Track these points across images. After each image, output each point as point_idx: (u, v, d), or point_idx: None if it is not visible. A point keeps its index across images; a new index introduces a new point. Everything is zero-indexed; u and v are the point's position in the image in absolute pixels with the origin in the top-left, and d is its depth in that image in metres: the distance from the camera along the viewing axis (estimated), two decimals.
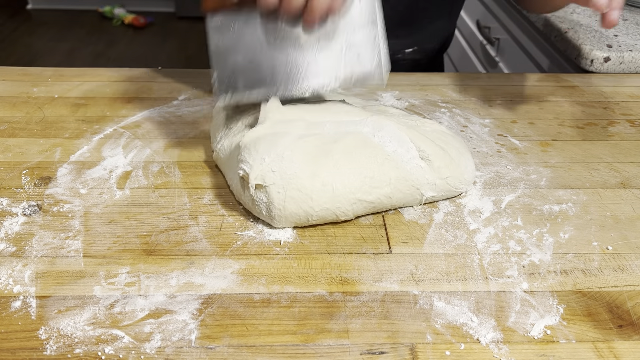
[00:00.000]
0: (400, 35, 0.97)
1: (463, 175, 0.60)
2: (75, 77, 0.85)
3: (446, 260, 0.52)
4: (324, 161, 0.55)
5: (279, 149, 0.55)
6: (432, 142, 0.59)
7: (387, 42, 0.61)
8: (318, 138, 0.58)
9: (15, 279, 0.49)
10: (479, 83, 0.87)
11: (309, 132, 0.59)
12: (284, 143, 0.56)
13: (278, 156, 0.55)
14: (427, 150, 0.58)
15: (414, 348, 0.43)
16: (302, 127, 0.60)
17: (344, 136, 0.58)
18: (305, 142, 0.57)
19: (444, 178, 0.58)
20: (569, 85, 0.88)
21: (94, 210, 0.57)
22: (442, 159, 0.58)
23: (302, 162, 0.55)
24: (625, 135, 0.74)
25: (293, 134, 0.58)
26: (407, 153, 0.57)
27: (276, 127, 0.59)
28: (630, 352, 0.44)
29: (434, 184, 0.58)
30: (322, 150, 0.56)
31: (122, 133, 0.71)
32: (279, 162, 0.54)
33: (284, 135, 0.57)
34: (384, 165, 0.56)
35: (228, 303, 0.47)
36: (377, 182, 0.55)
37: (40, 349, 0.43)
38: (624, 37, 0.99)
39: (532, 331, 0.45)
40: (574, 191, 0.62)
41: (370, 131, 0.59)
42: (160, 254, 0.52)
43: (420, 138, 0.59)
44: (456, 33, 1.72)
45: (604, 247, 0.54)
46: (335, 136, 0.58)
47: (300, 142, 0.56)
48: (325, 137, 0.58)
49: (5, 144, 0.68)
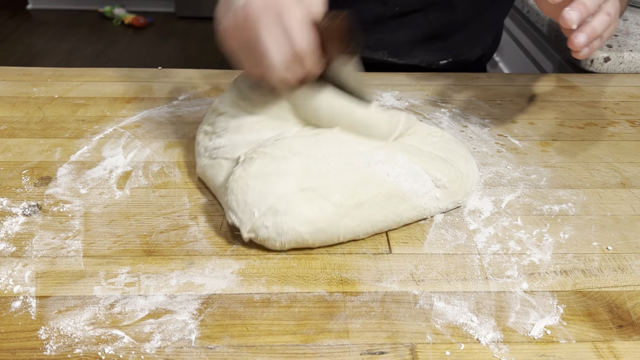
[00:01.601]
0: (435, 48, 0.95)
1: (471, 187, 0.60)
2: (75, 77, 0.85)
3: (446, 261, 0.52)
4: (329, 213, 0.51)
5: (270, 200, 0.50)
6: (444, 163, 0.58)
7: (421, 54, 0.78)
8: (320, 182, 0.52)
9: (15, 279, 0.49)
10: (479, 83, 0.87)
11: (308, 173, 0.52)
12: (277, 192, 0.51)
13: (271, 209, 0.50)
14: (442, 179, 0.56)
15: (414, 348, 0.43)
16: (300, 167, 0.53)
17: (353, 179, 0.53)
18: (304, 191, 0.51)
19: (454, 196, 0.58)
20: (569, 85, 0.88)
21: (94, 210, 0.57)
22: (455, 180, 0.57)
23: (302, 217, 0.50)
24: (625, 135, 0.74)
25: (288, 178, 0.52)
26: (423, 187, 0.55)
27: (267, 166, 0.53)
28: (630, 352, 0.44)
29: (445, 207, 0.57)
30: (327, 200, 0.51)
31: (122, 133, 0.71)
32: (272, 217, 0.50)
33: (277, 179, 0.52)
34: (399, 208, 0.54)
35: (228, 303, 0.47)
36: (389, 224, 0.55)
37: (40, 349, 0.43)
38: (624, 37, 0.99)
39: (532, 331, 0.45)
40: (574, 191, 0.62)
41: (382, 169, 0.54)
42: (160, 254, 0.52)
43: (434, 164, 0.57)
44: None
45: (604, 247, 0.54)
46: (342, 179, 0.53)
47: (297, 191, 0.51)
48: (329, 179, 0.52)
49: (5, 144, 0.68)
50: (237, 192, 0.52)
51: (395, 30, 0.92)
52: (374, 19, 0.91)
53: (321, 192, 0.52)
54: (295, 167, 0.53)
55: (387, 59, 0.94)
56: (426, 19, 0.90)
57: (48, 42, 3.38)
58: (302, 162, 0.53)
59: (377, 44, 0.93)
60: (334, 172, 0.53)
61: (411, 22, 0.91)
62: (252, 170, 0.52)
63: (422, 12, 0.90)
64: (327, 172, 0.53)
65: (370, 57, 0.94)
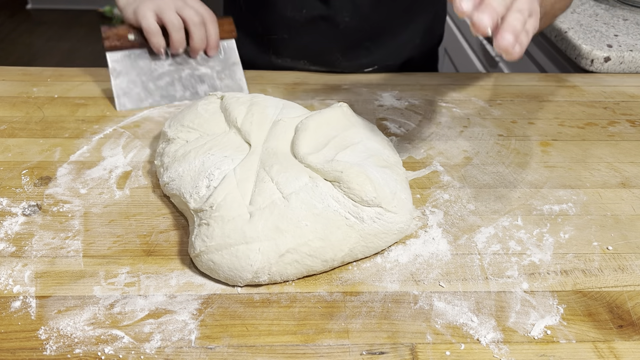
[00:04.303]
0: (354, 56, 0.95)
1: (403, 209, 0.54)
2: (75, 77, 0.85)
3: (446, 261, 0.52)
4: (320, 267, 0.50)
5: (248, 276, 0.48)
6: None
7: (344, 62, 0.94)
8: (298, 240, 0.48)
9: (15, 279, 0.49)
10: (479, 83, 0.87)
11: (279, 231, 0.48)
12: (252, 267, 0.47)
13: (252, 282, 0.48)
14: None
15: (414, 348, 0.43)
16: (267, 227, 0.48)
17: (324, 224, 0.50)
18: (284, 256, 0.48)
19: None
20: (569, 85, 0.88)
21: (94, 210, 0.57)
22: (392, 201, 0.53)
23: (292, 276, 0.49)
24: (625, 135, 0.74)
25: (259, 245, 0.48)
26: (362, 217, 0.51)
27: (230, 235, 0.48)
28: (631, 352, 0.44)
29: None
30: (317, 258, 0.49)
31: (122, 133, 0.71)
32: (256, 287, 0.49)
33: (245, 250, 0.48)
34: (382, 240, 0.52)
35: (228, 303, 0.47)
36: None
37: (40, 349, 0.42)
38: (624, 37, 0.99)
39: (532, 331, 0.45)
40: (574, 191, 0.62)
41: (338, 209, 0.51)
42: (160, 254, 0.52)
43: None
44: (456, 33, 1.72)
45: (604, 247, 0.54)
46: (315, 228, 0.49)
47: (276, 259, 0.48)
48: (303, 232, 0.49)
49: (5, 144, 0.68)
50: (205, 269, 0.49)
51: (311, 37, 0.92)
52: (286, 25, 0.92)
53: (305, 251, 0.48)
54: (261, 227, 0.48)
55: (309, 68, 0.94)
56: (337, 28, 0.91)
57: (48, 41, 3.37)
58: (266, 219, 0.49)
59: (296, 53, 0.94)
60: (303, 219, 0.49)
61: (323, 29, 0.91)
62: (212, 245, 0.48)
63: (331, 20, 0.90)
64: (296, 222, 0.49)
65: (293, 65, 0.95)
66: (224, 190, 0.51)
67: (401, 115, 0.77)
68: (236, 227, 0.49)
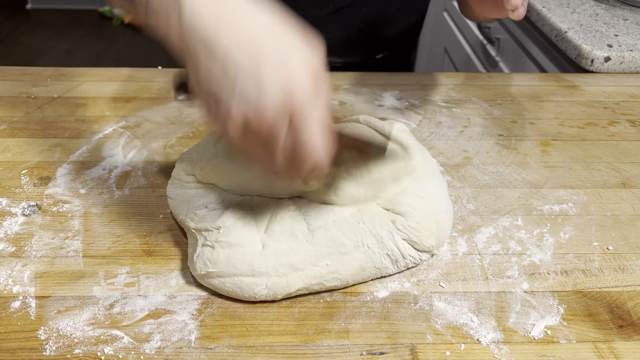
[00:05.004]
0: (368, 43, 0.96)
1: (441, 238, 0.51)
2: (75, 77, 0.85)
3: (446, 261, 0.52)
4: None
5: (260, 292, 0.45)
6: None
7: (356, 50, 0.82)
8: (314, 271, 0.46)
9: (15, 279, 0.49)
10: (479, 83, 0.87)
11: (293, 268, 0.45)
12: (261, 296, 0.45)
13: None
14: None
15: (414, 348, 0.43)
16: (278, 264, 0.45)
17: (347, 263, 0.47)
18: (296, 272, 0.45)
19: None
20: (569, 85, 0.88)
21: (94, 210, 0.57)
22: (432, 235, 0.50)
23: None
24: (625, 135, 0.74)
25: (267, 280, 0.45)
26: (395, 265, 0.49)
27: (236, 263, 0.45)
28: (631, 352, 0.44)
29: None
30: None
31: (122, 133, 0.71)
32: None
33: (252, 283, 0.45)
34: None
35: (228, 303, 0.47)
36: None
37: (40, 349, 0.42)
38: (624, 36, 0.98)
39: (532, 331, 0.45)
40: (574, 191, 0.62)
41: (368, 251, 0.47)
42: (159, 254, 0.52)
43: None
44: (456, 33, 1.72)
45: (605, 247, 0.54)
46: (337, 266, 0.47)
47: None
48: (322, 271, 0.46)
49: (4, 144, 0.68)
50: (204, 284, 0.47)
51: (330, 29, 0.92)
52: (309, 22, 0.91)
53: (316, 287, 0.46)
54: (272, 262, 0.44)
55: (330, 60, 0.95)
56: (360, 12, 0.91)
57: (47, 41, 3.37)
58: (281, 254, 0.44)
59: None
60: (325, 258, 0.45)
61: (345, 18, 0.92)
62: (214, 271, 0.45)
63: (356, 6, 0.90)
64: (316, 261, 0.45)
65: None
66: (236, 213, 0.46)
67: (401, 115, 0.77)
68: (244, 258, 0.44)
